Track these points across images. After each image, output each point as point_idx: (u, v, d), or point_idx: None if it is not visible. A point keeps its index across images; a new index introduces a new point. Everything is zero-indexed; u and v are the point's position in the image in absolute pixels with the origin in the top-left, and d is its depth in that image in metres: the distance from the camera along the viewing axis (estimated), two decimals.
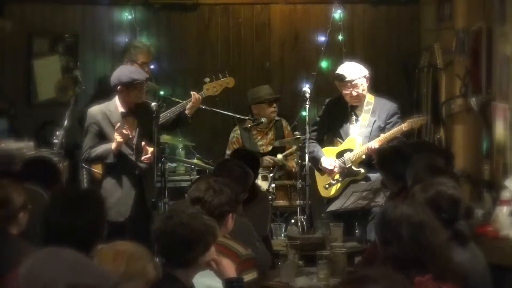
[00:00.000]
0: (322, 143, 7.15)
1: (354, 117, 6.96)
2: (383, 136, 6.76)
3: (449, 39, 7.55)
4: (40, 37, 8.58)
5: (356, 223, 6.75)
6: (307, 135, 6.96)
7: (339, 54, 8.63)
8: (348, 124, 6.98)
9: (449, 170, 5.35)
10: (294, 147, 7.53)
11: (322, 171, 7.07)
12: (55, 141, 7.15)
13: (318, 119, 7.22)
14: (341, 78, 6.88)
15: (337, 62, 8.60)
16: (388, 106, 6.93)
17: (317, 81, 8.57)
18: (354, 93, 6.86)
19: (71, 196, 3.85)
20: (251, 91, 8.04)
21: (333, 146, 7.09)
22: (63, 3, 8.56)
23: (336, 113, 7.04)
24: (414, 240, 3.54)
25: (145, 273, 3.13)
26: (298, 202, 7.03)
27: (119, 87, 6.47)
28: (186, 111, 7.12)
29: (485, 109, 6.87)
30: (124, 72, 6.59)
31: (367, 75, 6.92)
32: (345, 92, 6.90)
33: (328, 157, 7.01)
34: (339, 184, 6.96)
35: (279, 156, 7.61)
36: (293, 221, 6.92)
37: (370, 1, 8.81)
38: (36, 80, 8.55)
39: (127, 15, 8.56)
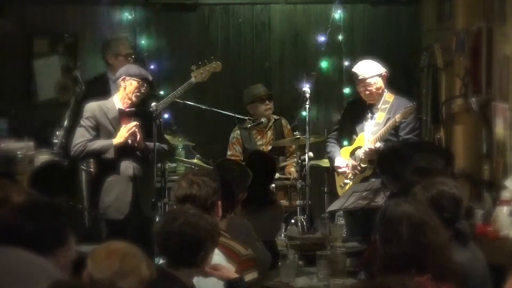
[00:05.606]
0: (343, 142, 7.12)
1: (370, 115, 6.94)
2: (377, 134, 6.74)
3: (449, 39, 7.54)
4: (40, 37, 8.56)
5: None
6: (307, 135, 6.96)
7: (339, 54, 8.62)
8: (364, 122, 6.97)
9: (449, 170, 5.35)
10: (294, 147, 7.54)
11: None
12: (55, 141, 7.15)
13: (339, 118, 7.22)
14: (354, 76, 6.90)
15: (337, 62, 8.65)
16: (405, 105, 6.83)
17: (317, 81, 8.56)
18: (367, 92, 6.86)
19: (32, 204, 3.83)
20: (244, 92, 8.05)
21: (350, 145, 7.07)
22: (63, 3, 8.55)
23: (355, 112, 7.04)
24: (414, 239, 3.54)
25: (139, 271, 3.14)
26: (298, 202, 7.04)
27: (123, 76, 6.49)
28: None
29: (485, 109, 6.86)
30: (133, 66, 6.73)
31: (384, 73, 6.88)
32: (359, 90, 6.92)
33: (344, 156, 7.00)
34: (351, 182, 6.95)
35: None
36: (293, 221, 6.93)
37: (370, 1, 8.80)
38: (36, 80, 8.53)
39: (127, 15, 8.55)
